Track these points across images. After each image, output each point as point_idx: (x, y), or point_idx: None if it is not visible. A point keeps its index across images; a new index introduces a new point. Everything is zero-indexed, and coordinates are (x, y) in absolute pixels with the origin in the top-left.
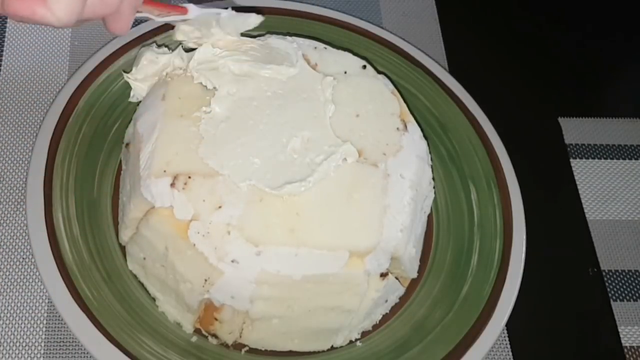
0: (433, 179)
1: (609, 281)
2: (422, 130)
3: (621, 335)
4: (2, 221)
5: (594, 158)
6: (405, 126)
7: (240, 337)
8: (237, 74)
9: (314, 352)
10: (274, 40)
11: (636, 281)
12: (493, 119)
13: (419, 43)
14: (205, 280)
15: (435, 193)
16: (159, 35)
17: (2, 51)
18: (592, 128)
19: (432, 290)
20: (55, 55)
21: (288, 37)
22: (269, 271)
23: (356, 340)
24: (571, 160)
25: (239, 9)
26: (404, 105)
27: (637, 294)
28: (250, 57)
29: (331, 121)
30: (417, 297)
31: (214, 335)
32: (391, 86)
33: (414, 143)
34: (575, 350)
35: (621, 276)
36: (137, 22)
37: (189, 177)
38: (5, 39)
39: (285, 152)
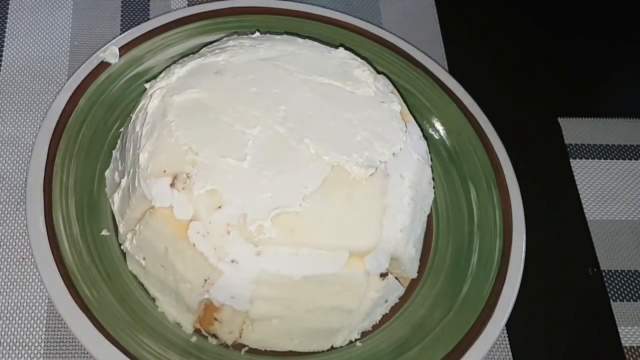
0: (433, 179)
1: (609, 281)
2: (422, 130)
3: (621, 335)
4: (2, 221)
5: (594, 158)
6: (405, 126)
7: (240, 337)
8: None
9: (313, 352)
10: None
11: (636, 281)
12: (493, 119)
13: (419, 43)
14: (205, 280)
15: (435, 193)
16: (159, 35)
17: (2, 51)
18: (592, 128)
19: (432, 290)
20: (55, 55)
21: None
22: (269, 271)
23: (356, 340)
24: (571, 160)
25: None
26: (404, 105)
27: (637, 294)
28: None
29: (332, 122)
30: (417, 297)
31: (214, 336)
32: (391, 86)
33: (414, 143)
34: (575, 350)
35: (621, 276)
36: (137, 23)
37: (189, 177)
38: (5, 39)
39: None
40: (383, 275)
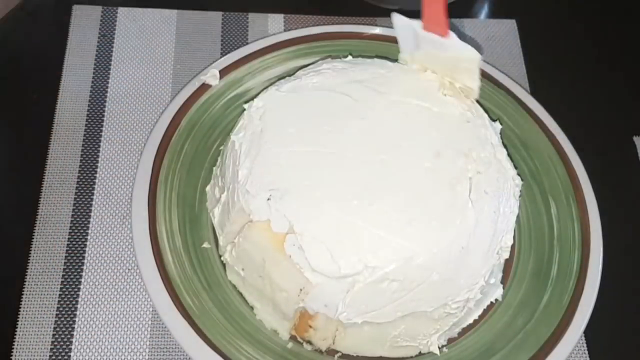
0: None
1: None
2: (506, 148)
3: None
4: (109, 234)
5: None
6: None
7: (334, 343)
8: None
9: (403, 358)
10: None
11: None
12: (571, 137)
13: (502, 66)
14: (300, 289)
15: (518, 207)
16: (257, 58)
17: (109, 74)
18: None
19: (514, 299)
20: (159, 78)
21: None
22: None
23: (443, 346)
24: None
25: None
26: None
27: None
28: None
29: (419, 139)
30: (500, 305)
31: (309, 342)
32: (480, 110)
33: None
34: None
35: None
36: (236, 47)
37: (285, 192)
38: (112, 63)
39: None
40: None
